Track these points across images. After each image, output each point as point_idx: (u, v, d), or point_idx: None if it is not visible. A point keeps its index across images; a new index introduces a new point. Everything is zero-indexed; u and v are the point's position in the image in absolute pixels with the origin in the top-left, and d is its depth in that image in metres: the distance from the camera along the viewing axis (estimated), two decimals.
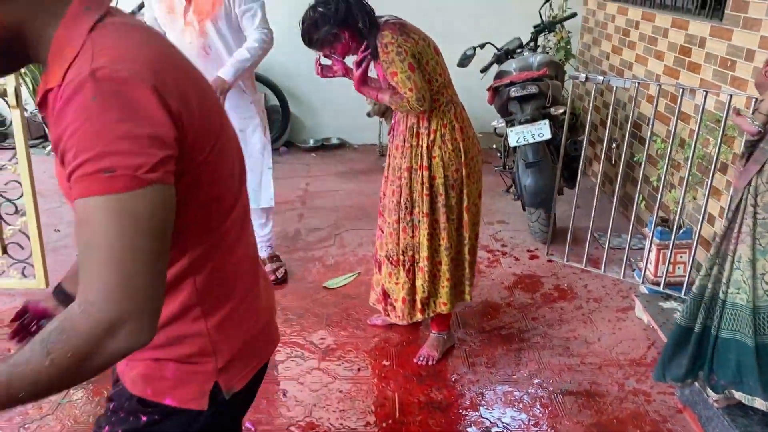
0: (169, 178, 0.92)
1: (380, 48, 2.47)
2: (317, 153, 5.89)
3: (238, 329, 1.18)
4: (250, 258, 1.23)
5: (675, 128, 3.25)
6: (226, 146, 1.08)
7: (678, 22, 3.81)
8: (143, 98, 0.89)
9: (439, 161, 2.61)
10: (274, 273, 3.51)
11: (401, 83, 2.46)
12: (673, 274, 3.32)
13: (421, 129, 2.61)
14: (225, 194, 1.09)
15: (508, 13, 5.55)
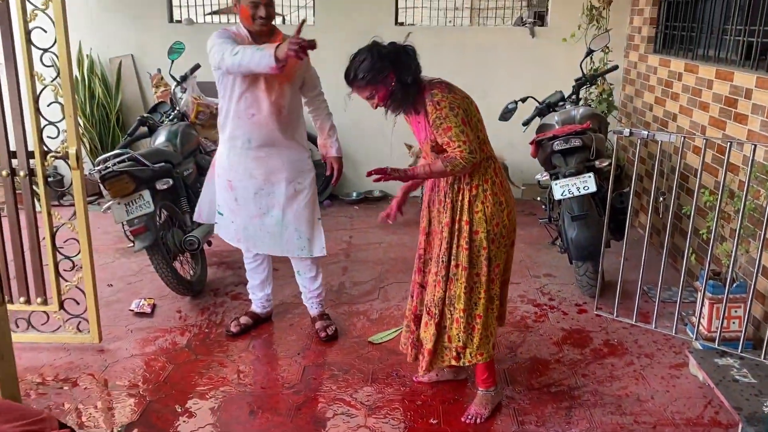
0: None
1: (431, 106, 2.53)
2: (360, 206, 5.96)
3: None
4: None
5: (724, 180, 3.21)
6: None
7: (722, 73, 3.80)
8: None
9: (482, 215, 2.63)
10: (325, 330, 3.50)
11: (455, 137, 2.50)
12: (727, 329, 3.23)
13: (463, 184, 2.64)
14: None
15: (549, 67, 5.62)
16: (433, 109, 2.52)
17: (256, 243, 3.42)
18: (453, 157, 2.51)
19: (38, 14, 3.03)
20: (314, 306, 3.62)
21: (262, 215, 3.34)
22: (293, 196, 3.33)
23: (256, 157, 3.24)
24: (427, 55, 6.00)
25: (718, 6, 4.14)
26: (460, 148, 2.49)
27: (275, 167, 3.27)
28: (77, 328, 3.40)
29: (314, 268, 3.55)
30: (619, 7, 5.42)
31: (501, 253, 2.71)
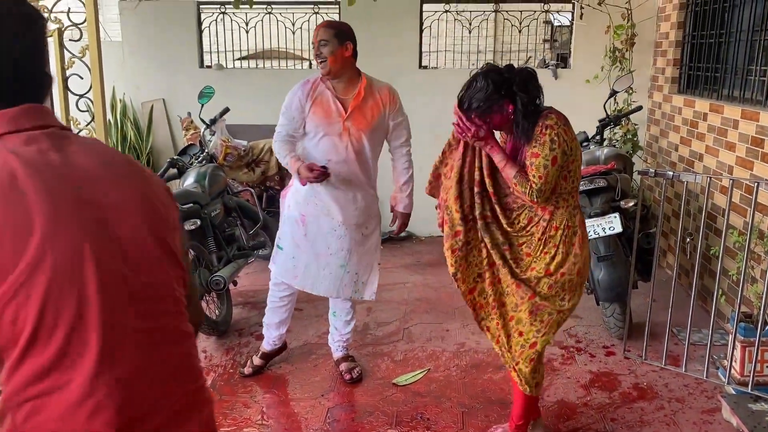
0: None
1: (540, 127, 2.47)
2: (385, 245, 5.96)
3: None
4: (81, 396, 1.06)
5: (752, 221, 3.17)
6: (36, 285, 1.02)
7: (748, 113, 3.78)
8: None
9: (572, 260, 2.58)
10: (350, 372, 3.48)
11: (536, 167, 2.45)
12: (761, 373, 3.15)
13: (541, 221, 2.58)
14: (20, 323, 1.02)
15: (572, 108, 5.61)
16: (539, 130, 2.46)
17: (314, 284, 3.38)
18: (526, 179, 2.47)
19: (75, 62, 3.15)
20: (339, 348, 3.59)
21: (329, 255, 3.33)
22: (361, 241, 3.37)
23: (335, 197, 3.26)
24: (451, 98, 6.07)
25: (741, 47, 4.15)
26: (534, 180, 2.46)
27: (350, 210, 3.30)
28: None
29: (351, 312, 3.56)
30: (641, 49, 5.46)
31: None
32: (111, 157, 1.20)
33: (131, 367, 1.09)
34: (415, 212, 5.94)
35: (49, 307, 1.03)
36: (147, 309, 1.14)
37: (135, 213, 1.15)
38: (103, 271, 1.08)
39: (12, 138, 1.08)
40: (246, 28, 5.88)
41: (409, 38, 5.80)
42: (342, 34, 3.15)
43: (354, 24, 5.72)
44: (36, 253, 1.02)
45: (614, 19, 5.35)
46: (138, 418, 1.09)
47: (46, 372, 1.04)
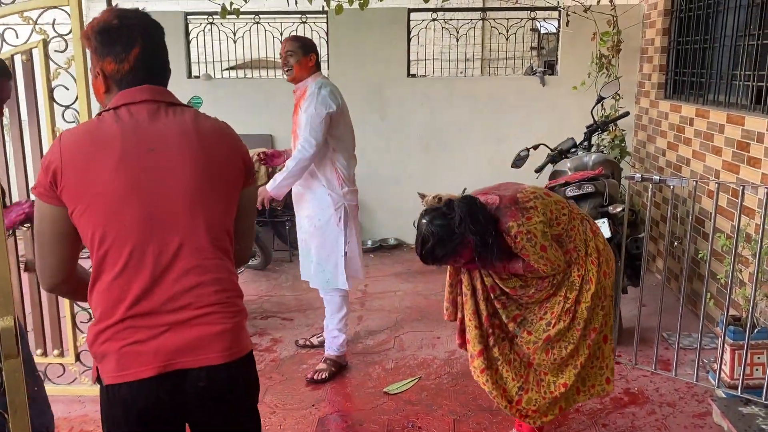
0: (42, 198, 1.54)
1: (509, 239, 2.43)
2: (375, 254, 5.97)
3: (107, 338, 1.52)
4: (142, 294, 1.53)
5: (738, 224, 3.19)
6: (97, 215, 1.52)
7: (733, 118, 3.81)
8: (49, 154, 1.55)
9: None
10: (314, 373, 3.59)
11: (534, 261, 2.45)
12: (751, 376, 3.15)
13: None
14: (98, 236, 1.52)
15: (560, 115, 5.68)
16: (512, 241, 2.43)
17: (302, 269, 3.72)
18: (536, 268, 2.48)
19: (61, 73, 3.14)
20: (327, 346, 3.70)
21: (301, 241, 3.71)
22: (314, 233, 3.57)
23: (294, 191, 3.62)
24: (439, 106, 6.14)
25: (726, 52, 4.19)
26: (542, 266, 2.46)
27: (301, 203, 3.62)
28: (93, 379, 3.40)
29: (329, 308, 3.67)
30: (627, 55, 5.50)
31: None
32: (193, 127, 1.61)
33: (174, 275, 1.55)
34: (406, 219, 5.95)
35: (109, 225, 1.51)
36: (179, 252, 1.55)
37: (185, 174, 1.57)
38: (145, 208, 1.53)
39: (123, 109, 1.58)
40: (234, 38, 5.88)
41: (396, 47, 5.82)
42: (306, 47, 3.48)
43: (342, 33, 5.78)
44: (102, 187, 1.51)
45: (600, 26, 5.39)
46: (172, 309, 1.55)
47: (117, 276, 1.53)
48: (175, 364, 1.52)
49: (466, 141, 5.86)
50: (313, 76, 3.50)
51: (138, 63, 1.59)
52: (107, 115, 1.57)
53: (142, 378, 1.50)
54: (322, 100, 3.38)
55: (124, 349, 1.51)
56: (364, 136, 5.91)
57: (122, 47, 1.58)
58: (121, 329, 1.51)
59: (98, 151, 1.52)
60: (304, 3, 5.28)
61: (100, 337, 1.53)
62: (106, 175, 1.51)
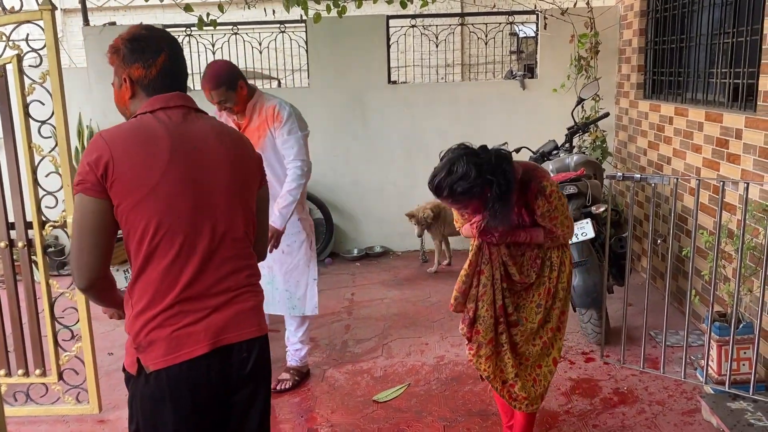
0: (87, 192, 1.64)
1: (543, 200, 2.48)
2: (361, 262, 5.95)
3: (156, 325, 1.66)
4: (192, 280, 1.69)
5: (720, 221, 3.21)
6: (153, 207, 1.65)
7: (712, 115, 3.85)
8: (94, 150, 1.65)
9: (566, 272, 2.70)
10: (277, 383, 3.53)
11: (560, 224, 2.54)
12: (737, 371, 3.17)
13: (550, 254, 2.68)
14: (152, 226, 1.65)
15: (541, 118, 5.69)
16: (545, 202, 2.49)
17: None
18: (556, 236, 2.57)
19: (36, 88, 3.10)
20: (290, 359, 3.66)
21: (264, 270, 3.40)
22: (282, 259, 3.44)
23: None
24: (421, 112, 6.14)
25: (702, 51, 4.23)
26: (563, 231, 2.56)
27: None
28: (76, 398, 3.35)
29: (294, 323, 3.62)
30: (606, 56, 5.54)
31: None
32: (222, 130, 1.83)
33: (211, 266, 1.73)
34: (391, 227, 5.98)
35: (164, 216, 1.66)
36: (217, 241, 1.73)
37: (223, 172, 1.76)
38: (195, 200, 1.70)
39: (160, 112, 1.74)
40: (212, 49, 5.85)
41: (376, 54, 5.82)
42: (232, 83, 3.18)
43: (321, 42, 5.77)
44: (157, 180, 1.65)
45: (578, 28, 5.43)
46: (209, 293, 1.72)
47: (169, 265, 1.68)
48: (223, 340, 1.71)
49: (448, 146, 5.80)
50: (257, 95, 3.34)
51: (164, 68, 1.78)
52: (146, 117, 1.73)
53: (195, 356, 1.66)
54: (299, 119, 3.33)
55: (175, 333, 1.66)
56: (346, 144, 5.93)
57: (150, 54, 1.77)
58: (172, 314, 1.66)
59: (149, 148, 1.67)
60: (282, 12, 5.27)
61: (149, 325, 1.67)
62: (159, 170, 1.66)
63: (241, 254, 1.78)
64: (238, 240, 1.78)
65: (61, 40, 3.09)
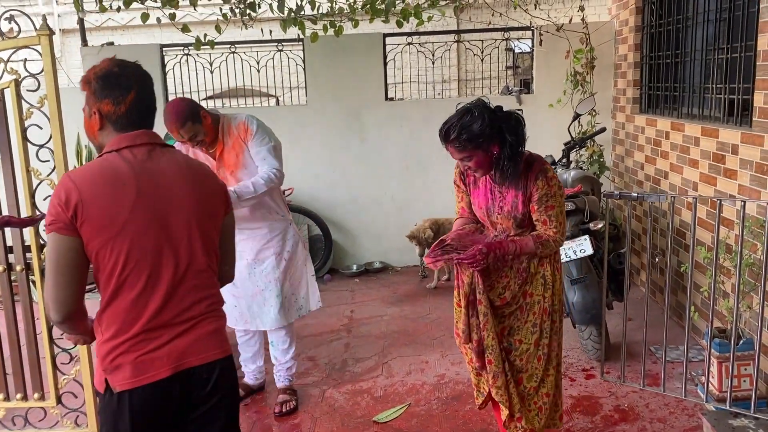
0: (61, 232, 1.73)
1: (543, 181, 2.46)
2: (361, 278, 5.95)
3: (123, 351, 1.78)
4: (157, 311, 1.81)
5: (717, 237, 3.21)
6: (120, 245, 1.76)
7: (708, 130, 3.86)
8: (63, 192, 1.74)
9: (559, 286, 2.67)
10: (281, 405, 3.51)
11: (554, 217, 2.48)
12: (738, 388, 3.16)
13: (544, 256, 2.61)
14: (121, 261, 1.76)
15: (537, 133, 5.69)
16: (545, 185, 2.46)
17: (263, 320, 3.50)
18: (546, 239, 2.49)
19: (34, 112, 3.10)
20: (282, 378, 3.65)
21: (262, 291, 3.46)
22: (286, 268, 3.48)
23: (240, 240, 3.27)
24: (417, 128, 6.14)
25: (697, 66, 4.25)
26: (556, 229, 2.49)
27: (262, 246, 3.43)
28: (75, 422, 3.32)
29: (287, 340, 3.60)
30: (602, 71, 5.57)
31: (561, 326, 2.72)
32: (186, 166, 1.92)
33: (172, 297, 1.84)
34: (389, 242, 5.98)
35: (131, 254, 1.77)
36: (181, 272, 1.84)
37: (186, 207, 1.86)
38: (159, 237, 1.81)
39: (126, 151, 1.83)
40: (210, 68, 5.88)
41: (373, 72, 5.84)
42: (194, 116, 3.18)
43: (318, 60, 5.80)
44: (125, 219, 1.76)
45: (573, 43, 5.46)
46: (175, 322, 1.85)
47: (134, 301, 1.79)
48: (185, 364, 1.83)
49: (445, 161, 5.82)
50: (223, 119, 3.37)
51: (133, 106, 1.86)
52: (111, 156, 1.82)
53: (159, 379, 1.79)
54: (269, 131, 3.37)
55: (140, 358, 1.78)
56: (343, 161, 5.94)
57: (120, 91, 1.85)
58: (138, 341, 1.79)
59: (116, 188, 1.77)
60: (280, 32, 5.30)
61: (116, 351, 1.79)
62: (127, 210, 1.77)
63: (203, 284, 1.89)
64: (201, 272, 1.88)
65: (60, 60, 3.11)
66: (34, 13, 5.28)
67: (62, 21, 9.59)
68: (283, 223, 3.49)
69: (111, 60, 1.91)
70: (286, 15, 5.11)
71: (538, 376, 2.66)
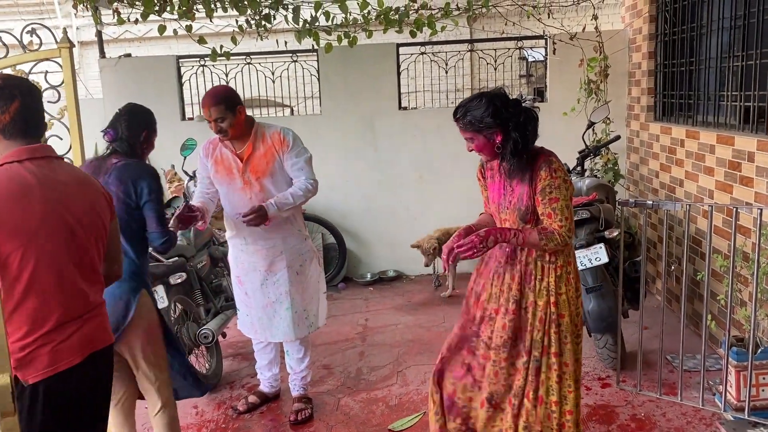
0: None
1: (546, 171, 2.43)
2: (375, 287, 5.96)
3: (37, 346, 1.92)
4: (64, 308, 1.97)
5: (734, 245, 3.19)
6: (30, 251, 1.89)
7: (723, 138, 3.84)
8: None
9: (565, 298, 2.52)
10: (296, 414, 3.52)
11: (560, 211, 2.40)
12: (757, 397, 3.13)
13: (545, 263, 2.51)
14: (29, 267, 1.89)
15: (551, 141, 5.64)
16: (548, 175, 2.42)
17: (272, 332, 3.52)
18: (551, 231, 2.40)
19: (54, 123, 3.16)
20: (296, 387, 3.66)
21: (273, 303, 3.46)
22: (298, 280, 3.46)
23: (255, 251, 3.41)
24: (431, 137, 6.15)
25: (711, 73, 4.24)
26: (561, 223, 2.40)
27: (275, 257, 3.41)
28: None
29: (302, 349, 3.61)
30: (616, 80, 5.57)
31: (578, 341, 2.58)
32: (81, 177, 2.12)
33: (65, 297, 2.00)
34: (403, 251, 5.98)
35: (41, 258, 1.91)
36: (81, 272, 2.03)
37: (85, 214, 2.05)
38: (64, 242, 1.97)
39: (28, 162, 1.95)
40: (226, 79, 5.94)
41: (387, 81, 5.88)
42: (231, 103, 3.21)
43: (332, 70, 5.84)
44: (36, 227, 1.90)
45: (587, 52, 5.46)
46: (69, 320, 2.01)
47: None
48: (91, 349, 2.04)
49: (459, 170, 5.88)
50: (257, 125, 3.36)
51: (18, 115, 1.97)
52: (14, 167, 1.94)
53: (74, 364, 1.97)
54: (303, 143, 3.39)
55: (55, 348, 1.94)
56: (358, 170, 5.97)
57: (3, 102, 1.96)
58: (51, 335, 1.94)
59: (25, 197, 1.90)
60: (294, 42, 5.35)
61: (29, 347, 1.91)
62: (37, 217, 1.91)
63: (99, 281, 2.11)
64: (97, 271, 2.10)
65: (78, 72, 3.16)
66: (54, 26, 5.36)
67: (80, 33, 9.73)
68: (298, 236, 3.48)
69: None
70: (301, 26, 5.16)
71: (554, 389, 2.54)
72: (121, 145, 2.86)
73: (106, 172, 2.80)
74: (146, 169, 2.81)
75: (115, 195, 2.73)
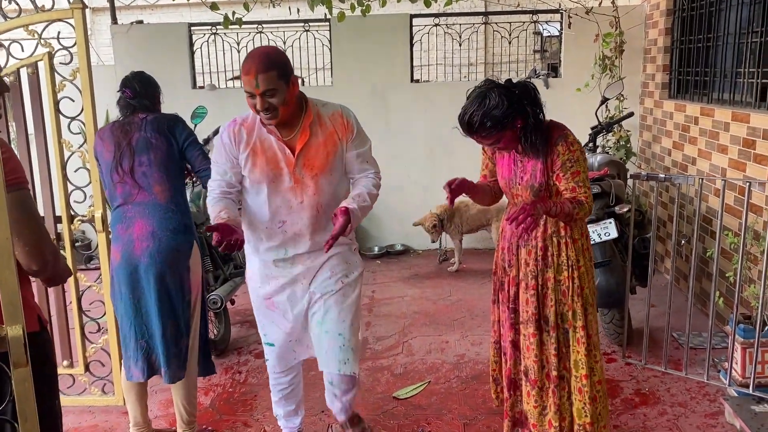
0: None
1: (564, 146, 2.41)
2: (382, 260, 5.98)
3: None
4: None
5: (745, 222, 3.17)
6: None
7: (738, 115, 3.80)
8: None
9: (585, 270, 2.54)
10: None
11: (582, 182, 2.39)
12: (762, 374, 3.13)
13: (560, 238, 2.53)
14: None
15: (564, 117, 5.61)
16: (566, 150, 2.40)
17: (323, 360, 2.68)
18: (579, 199, 2.37)
19: (66, 84, 3.16)
20: (341, 412, 2.83)
21: (314, 325, 2.65)
22: (338, 291, 2.58)
23: (299, 260, 2.58)
24: (443, 111, 6.13)
25: (729, 50, 4.18)
26: (586, 194, 2.38)
27: (319, 264, 2.59)
28: (102, 390, 3.41)
29: (351, 382, 2.72)
30: (631, 56, 5.50)
31: (595, 313, 2.62)
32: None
33: None
34: (411, 226, 5.99)
35: None
36: None
37: None
38: None
39: None
40: (237, 48, 5.91)
41: (399, 53, 5.83)
42: (285, 70, 2.35)
43: (345, 40, 5.80)
44: None
45: (602, 27, 5.39)
46: None
47: None
48: None
49: (469, 146, 5.81)
50: (310, 103, 2.52)
51: None
52: None
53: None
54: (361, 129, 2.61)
55: None
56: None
57: None
58: None
59: None
60: (307, 11, 5.31)
61: None
62: None
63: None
64: None
65: (90, 38, 3.15)
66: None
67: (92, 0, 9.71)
68: (349, 245, 2.69)
69: None
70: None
71: (583, 362, 2.55)
72: (141, 101, 2.93)
73: (139, 129, 2.86)
74: (175, 117, 2.95)
75: (155, 147, 2.81)
